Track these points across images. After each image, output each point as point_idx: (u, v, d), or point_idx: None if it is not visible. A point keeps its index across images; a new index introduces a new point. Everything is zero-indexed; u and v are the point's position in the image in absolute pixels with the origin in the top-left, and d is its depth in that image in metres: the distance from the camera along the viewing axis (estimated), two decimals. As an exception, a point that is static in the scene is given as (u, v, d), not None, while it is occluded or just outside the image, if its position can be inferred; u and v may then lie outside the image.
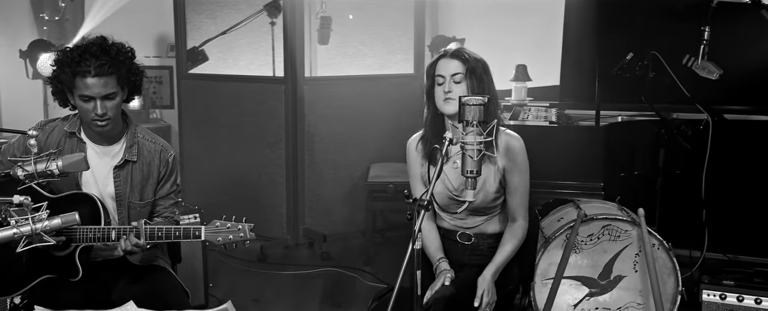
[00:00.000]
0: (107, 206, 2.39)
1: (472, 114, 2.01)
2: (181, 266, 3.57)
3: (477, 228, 2.55)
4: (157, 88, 6.04)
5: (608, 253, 3.13)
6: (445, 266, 2.44)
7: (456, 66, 2.46)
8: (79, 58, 2.23)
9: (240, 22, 5.06)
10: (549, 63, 4.73)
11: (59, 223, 2.02)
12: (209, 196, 4.99)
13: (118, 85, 2.31)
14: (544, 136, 3.61)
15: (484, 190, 2.47)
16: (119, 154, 2.44)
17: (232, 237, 2.28)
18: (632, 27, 4.19)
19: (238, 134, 4.85)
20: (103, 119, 2.30)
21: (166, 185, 2.53)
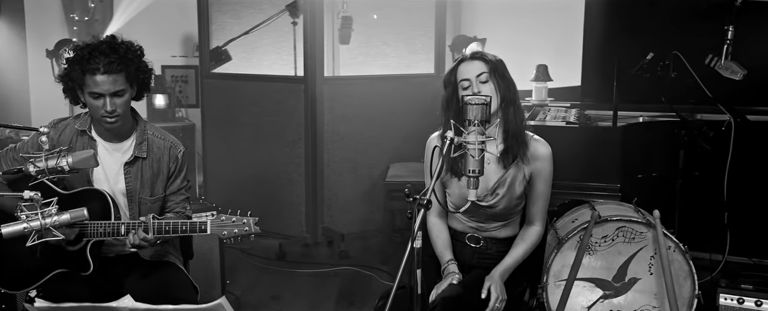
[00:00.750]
0: (118, 202, 2.44)
1: (474, 113, 2.00)
2: (198, 262, 3.62)
3: (490, 233, 2.53)
4: (182, 87, 6.13)
5: (623, 255, 3.09)
6: (453, 268, 2.42)
7: (479, 67, 2.42)
8: (89, 56, 2.29)
9: (262, 22, 5.12)
10: (572, 63, 4.70)
11: (68, 218, 2.08)
12: (230, 194, 5.06)
13: (126, 82, 2.36)
14: (560, 136, 3.57)
15: (509, 195, 2.44)
16: (129, 151, 2.48)
17: (238, 231, 2.30)
18: (653, 27, 4.13)
19: (259, 133, 4.89)
20: (112, 115, 2.35)
21: (176, 181, 2.57)
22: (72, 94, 2.40)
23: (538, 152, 2.45)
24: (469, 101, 2.00)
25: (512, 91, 2.45)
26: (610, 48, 4.03)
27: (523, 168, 2.43)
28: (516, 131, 2.41)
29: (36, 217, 2.03)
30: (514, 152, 2.41)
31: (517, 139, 2.41)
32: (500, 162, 2.43)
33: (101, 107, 2.33)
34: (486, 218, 2.50)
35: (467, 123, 2.00)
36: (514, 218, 2.54)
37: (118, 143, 2.48)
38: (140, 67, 2.42)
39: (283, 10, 5.01)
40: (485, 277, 2.37)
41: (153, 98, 5.71)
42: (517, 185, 2.44)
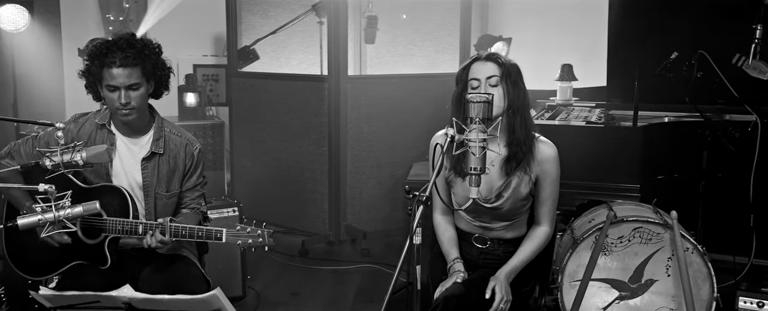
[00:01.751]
0: (136, 195, 2.52)
1: (476, 111, 2.01)
2: (219, 258, 3.71)
3: (496, 233, 2.53)
4: (213, 86, 6.23)
5: (639, 256, 3.05)
6: (459, 266, 2.43)
7: (491, 69, 2.41)
8: (106, 50, 2.37)
9: (289, 22, 5.19)
10: (599, 64, 4.64)
11: (81, 211, 2.14)
12: (255, 191, 5.13)
13: (142, 76, 2.43)
14: (579, 136, 3.56)
15: (514, 197, 2.44)
16: (146, 146, 2.56)
17: (252, 242, 2.36)
18: (679, 26, 4.06)
19: (284, 131, 4.96)
20: (127, 107, 2.42)
21: (192, 177, 2.64)
22: (93, 89, 2.49)
23: (543, 154, 2.43)
24: (471, 98, 2.00)
25: (522, 99, 2.43)
26: (635, 48, 3.98)
27: (529, 171, 2.42)
28: (521, 140, 2.39)
29: (50, 209, 2.10)
30: (517, 159, 2.40)
31: (522, 147, 2.39)
32: (503, 168, 2.42)
33: (117, 100, 2.41)
34: (491, 219, 2.49)
35: (469, 121, 2.00)
36: (521, 218, 2.53)
37: (136, 138, 2.56)
38: (157, 64, 2.49)
39: (309, 9, 5.07)
40: (490, 277, 2.37)
41: (184, 96, 5.81)
42: (522, 187, 2.43)
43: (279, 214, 5.03)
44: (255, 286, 4.00)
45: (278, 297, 3.93)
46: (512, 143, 2.40)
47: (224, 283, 3.69)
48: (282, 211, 5.03)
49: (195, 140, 2.66)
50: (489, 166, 2.42)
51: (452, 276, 2.37)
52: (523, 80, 2.47)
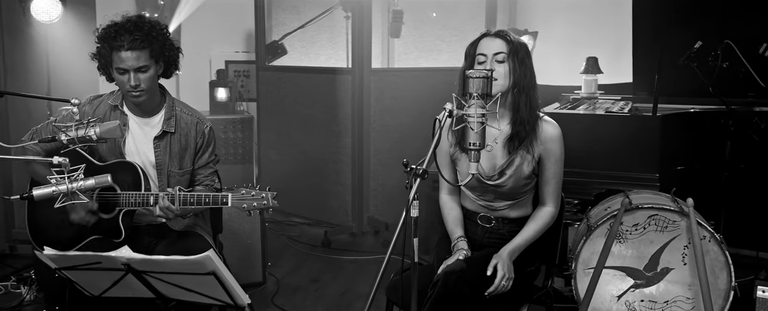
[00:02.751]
0: (149, 173, 2.60)
1: (476, 86, 2.02)
2: (239, 244, 3.78)
3: (500, 212, 2.53)
4: (244, 81, 6.34)
5: (655, 244, 3.01)
6: (462, 244, 2.44)
7: (499, 45, 2.42)
8: (115, 33, 2.45)
9: (316, 17, 5.26)
10: (629, 60, 4.58)
11: (93, 183, 2.22)
12: (281, 183, 5.20)
13: (151, 58, 2.50)
14: (597, 124, 3.53)
15: (516, 175, 2.45)
16: (158, 125, 2.64)
17: (256, 204, 2.40)
18: (705, 16, 3.99)
19: (309, 124, 5.02)
20: (137, 89, 2.50)
21: (204, 155, 2.71)
22: (105, 71, 2.58)
23: (547, 133, 2.43)
24: (470, 74, 2.02)
25: (528, 78, 2.43)
26: (660, 39, 3.92)
27: (532, 149, 2.42)
28: (525, 119, 2.39)
29: (64, 181, 2.19)
30: (520, 138, 2.40)
31: (525, 127, 2.40)
32: (506, 146, 2.42)
33: (127, 82, 2.49)
34: (495, 197, 2.50)
35: (468, 96, 2.02)
36: (525, 198, 2.53)
37: (148, 118, 2.64)
38: (165, 45, 2.57)
39: (336, 4, 5.13)
40: (493, 255, 2.37)
41: (215, 91, 5.94)
42: (524, 165, 2.43)
43: (303, 206, 5.10)
44: (276, 273, 4.06)
45: (298, 283, 3.98)
46: (516, 122, 2.40)
47: (244, 269, 3.78)
48: (306, 203, 5.09)
49: (205, 119, 2.73)
50: (492, 143, 2.43)
51: (455, 254, 2.39)
52: (531, 60, 2.47)
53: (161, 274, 1.82)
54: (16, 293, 3.72)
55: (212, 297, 1.91)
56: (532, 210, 2.55)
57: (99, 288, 1.93)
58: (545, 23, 5.42)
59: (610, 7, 5.12)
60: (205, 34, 6.27)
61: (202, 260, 1.74)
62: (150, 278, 1.85)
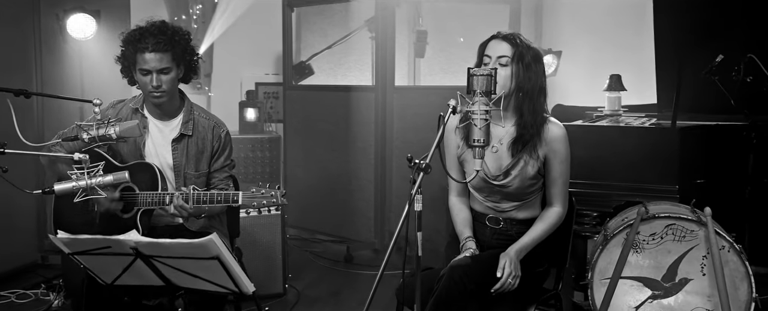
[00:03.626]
0: (166, 176, 2.68)
1: (479, 84, 2.07)
2: (261, 255, 3.83)
3: (508, 213, 2.55)
4: (273, 103, 6.48)
5: (673, 254, 2.97)
6: (470, 244, 2.46)
7: (505, 49, 2.46)
8: (140, 36, 2.57)
9: (342, 38, 5.38)
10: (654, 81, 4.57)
11: (111, 179, 2.31)
12: (305, 200, 5.27)
13: (173, 61, 2.61)
14: (616, 136, 3.52)
15: (522, 175, 2.47)
16: (176, 128, 2.73)
17: (266, 202, 2.46)
18: (728, 31, 3.97)
19: (333, 141, 5.09)
20: (158, 90, 2.60)
21: (219, 158, 2.79)
22: (127, 73, 2.69)
23: (551, 134, 2.45)
24: (474, 72, 2.07)
25: (532, 82, 2.45)
26: (681, 54, 3.91)
27: (537, 151, 2.44)
28: (529, 123, 2.42)
29: (83, 177, 2.28)
30: (523, 141, 2.42)
31: (529, 130, 2.42)
32: (511, 148, 2.45)
33: (149, 83, 2.59)
34: (501, 198, 2.52)
35: (472, 94, 2.06)
36: (532, 199, 2.54)
37: (167, 120, 2.74)
38: (186, 50, 2.67)
39: (362, 25, 5.24)
40: (501, 254, 2.38)
41: (244, 111, 6.08)
42: (529, 166, 2.45)
43: (327, 223, 5.14)
44: (296, 285, 4.10)
45: (318, 295, 4.01)
46: (520, 125, 2.43)
47: (265, 280, 3.83)
48: (330, 220, 5.14)
49: (222, 123, 2.82)
50: (497, 144, 2.46)
51: (464, 253, 2.41)
52: (541, 66, 2.49)
53: (168, 259, 1.88)
54: (45, 300, 3.83)
55: (219, 284, 1.95)
56: (540, 212, 2.55)
57: (111, 275, 2.00)
58: (571, 45, 5.44)
59: (633, 29, 5.12)
60: (236, 57, 6.44)
61: (205, 243, 1.80)
62: (158, 263, 1.91)
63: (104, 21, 4.06)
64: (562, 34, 5.58)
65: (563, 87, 5.50)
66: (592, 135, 3.55)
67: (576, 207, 2.75)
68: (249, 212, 3.76)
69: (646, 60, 4.84)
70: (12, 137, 2.34)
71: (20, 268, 4.29)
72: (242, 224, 3.74)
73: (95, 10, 4.04)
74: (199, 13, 6.19)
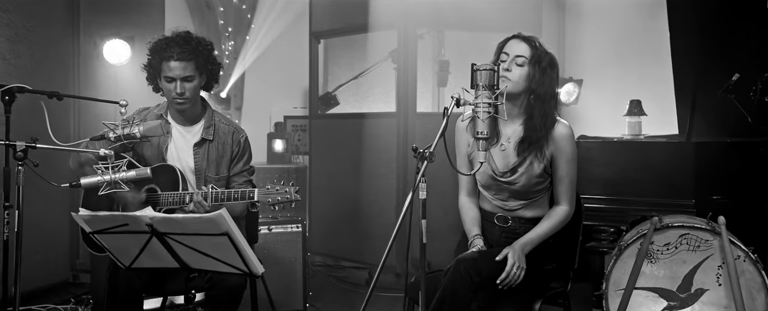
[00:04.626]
0: (188, 178, 2.80)
1: (483, 78, 2.15)
2: (282, 273, 3.91)
3: (516, 212, 2.59)
4: (301, 135, 6.63)
5: (687, 264, 2.96)
6: (479, 242, 2.51)
7: (523, 49, 2.52)
8: (166, 45, 2.72)
9: (366, 69, 5.53)
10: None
11: (134, 175, 2.44)
12: (329, 226, 5.35)
13: (196, 69, 2.76)
14: (631, 151, 3.55)
15: (528, 173, 2.52)
16: (198, 133, 2.86)
17: (281, 198, 2.56)
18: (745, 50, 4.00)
19: (356, 167, 5.19)
20: (182, 97, 2.74)
21: (238, 163, 2.90)
22: (152, 81, 2.84)
23: (558, 132, 2.51)
24: (478, 67, 2.16)
25: (546, 87, 2.52)
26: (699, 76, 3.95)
27: (544, 149, 2.50)
28: (537, 126, 2.48)
29: (108, 172, 2.41)
30: (530, 141, 2.49)
31: (537, 133, 2.48)
32: (517, 147, 2.51)
33: (173, 90, 2.73)
34: (509, 196, 2.57)
35: (477, 88, 2.14)
36: (539, 198, 2.59)
37: (189, 126, 2.87)
38: (209, 59, 2.82)
39: (386, 56, 5.40)
40: (506, 247, 2.42)
41: (272, 142, 6.23)
42: (535, 164, 2.50)
43: (349, 248, 5.20)
44: (316, 304, 4.14)
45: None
46: (528, 127, 2.50)
47: (285, 296, 3.89)
48: (352, 245, 5.19)
49: (242, 129, 2.94)
50: (505, 142, 2.52)
51: (471, 248, 2.45)
52: (556, 73, 2.55)
53: (181, 235, 1.97)
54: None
55: (230, 264, 2.03)
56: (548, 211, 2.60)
57: (130, 256, 2.09)
58: (593, 74, 5.50)
59: (654, 56, 5.16)
60: (266, 90, 6.65)
61: (215, 218, 1.89)
62: (171, 241, 1.99)
63: (138, 47, 4.27)
64: (585, 64, 5.65)
65: (586, 116, 5.54)
66: (608, 151, 3.60)
67: (584, 212, 2.78)
68: (271, 229, 3.89)
69: (668, 89, 4.88)
70: (45, 138, 2.49)
71: (52, 285, 4.43)
72: (264, 241, 3.85)
73: (130, 36, 4.26)
74: (231, 49, 6.45)
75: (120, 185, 2.40)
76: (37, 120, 2.56)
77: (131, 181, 2.42)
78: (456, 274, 2.28)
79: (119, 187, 2.40)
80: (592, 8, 5.71)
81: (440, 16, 4.96)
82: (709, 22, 4.01)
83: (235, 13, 6.43)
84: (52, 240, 4.41)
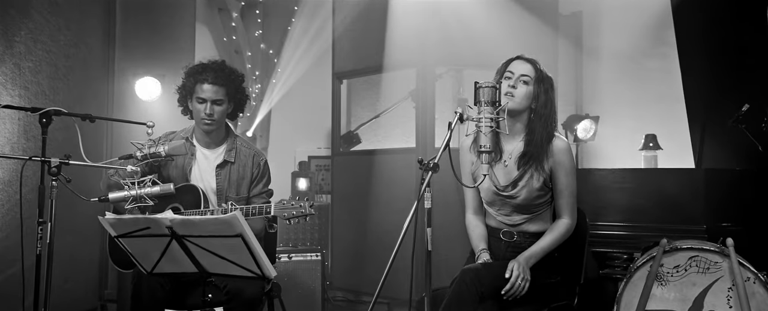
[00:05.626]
0: (210, 199, 2.95)
1: (485, 95, 2.28)
2: (301, 296, 4.00)
3: (520, 227, 2.68)
4: (324, 175, 6.79)
5: (697, 286, 2.99)
6: (485, 256, 2.60)
7: (528, 69, 2.68)
8: (201, 70, 2.94)
9: (387, 108, 5.71)
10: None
11: (158, 190, 2.60)
12: (351, 260, 5.43)
13: (226, 95, 2.95)
14: (643, 178, 3.62)
15: (528, 187, 2.63)
16: (221, 155, 3.03)
17: (296, 212, 2.69)
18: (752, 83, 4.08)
19: (376, 202, 5.29)
20: (210, 118, 2.93)
21: (258, 185, 3.05)
22: (183, 102, 3.03)
23: (556, 147, 2.62)
24: (481, 84, 2.29)
25: (548, 108, 2.67)
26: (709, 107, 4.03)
27: (543, 163, 2.61)
28: (538, 142, 2.61)
29: (134, 187, 2.57)
30: (529, 156, 2.60)
31: (537, 149, 2.61)
32: (518, 162, 2.62)
33: (203, 110, 2.92)
34: (512, 211, 2.67)
35: (479, 104, 2.28)
36: (541, 212, 2.68)
37: (213, 149, 3.04)
38: (239, 88, 3.02)
39: (405, 96, 5.57)
40: (510, 260, 2.51)
41: (296, 180, 6.40)
42: (535, 177, 2.61)
43: (370, 282, 5.26)
44: (335, 333, 4.21)
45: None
46: (529, 143, 2.62)
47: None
48: (372, 278, 5.25)
49: (262, 153, 3.10)
50: (507, 158, 2.64)
51: (477, 262, 2.53)
52: (555, 94, 2.70)
53: (198, 238, 2.09)
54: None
55: (244, 267, 2.14)
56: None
57: (151, 261, 2.22)
58: (610, 112, 5.60)
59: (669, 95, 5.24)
60: (291, 131, 6.86)
61: (229, 219, 2.01)
62: (190, 244, 2.12)
63: (168, 84, 4.49)
64: (602, 101, 5.75)
65: (604, 152, 5.62)
66: (620, 179, 3.67)
67: (588, 223, 2.85)
68: (291, 257, 4.01)
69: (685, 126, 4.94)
70: (79, 157, 2.67)
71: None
72: (284, 268, 3.97)
73: (161, 74, 4.49)
74: (257, 92, 6.70)
75: (145, 200, 2.55)
76: (71, 142, 2.75)
77: (155, 196, 2.58)
78: (461, 284, 2.37)
79: (144, 202, 2.55)
80: (610, 51, 5.85)
81: (458, 56, 5.13)
82: (717, 58, 4.11)
83: (262, 57, 6.71)
84: (82, 270, 4.56)
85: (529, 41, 4.92)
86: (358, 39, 5.52)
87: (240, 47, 6.60)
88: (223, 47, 6.57)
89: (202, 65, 2.98)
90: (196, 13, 5.57)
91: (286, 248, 4.03)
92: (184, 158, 2.95)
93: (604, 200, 3.74)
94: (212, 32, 6.58)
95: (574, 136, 5.25)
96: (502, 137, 2.63)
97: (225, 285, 2.68)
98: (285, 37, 6.67)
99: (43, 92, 4.00)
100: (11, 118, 3.71)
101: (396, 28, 5.13)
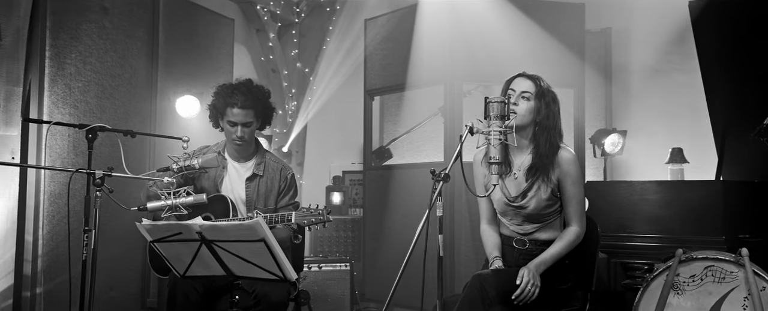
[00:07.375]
0: (239, 209, 3.14)
1: (495, 109, 2.42)
2: (330, 307, 4.15)
3: (532, 235, 2.80)
4: (358, 189, 6.96)
5: (714, 295, 3.05)
6: (498, 263, 2.71)
7: (528, 86, 2.82)
8: (231, 92, 3.12)
9: (417, 124, 5.86)
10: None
11: (192, 200, 2.79)
12: (383, 272, 5.56)
13: (255, 116, 3.14)
14: (663, 191, 3.67)
15: (537, 197, 2.75)
16: (250, 168, 3.22)
17: (314, 219, 2.85)
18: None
19: (405, 215, 5.43)
20: (241, 140, 3.12)
21: (285, 197, 3.23)
22: (214, 119, 3.23)
23: (562, 158, 2.74)
24: (490, 99, 2.43)
25: (551, 120, 2.79)
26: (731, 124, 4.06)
27: (550, 174, 2.72)
28: (544, 153, 2.73)
29: (170, 197, 2.77)
30: (537, 167, 2.72)
31: (544, 160, 2.73)
32: (526, 173, 2.75)
33: (234, 132, 3.11)
34: (523, 220, 2.78)
35: (489, 118, 2.41)
36: (552, 221, 2.78)
37: (243, 162, 3.24)
38: (266, 106, 3.20)
39: (436, 112, 5.71)
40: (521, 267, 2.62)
41: (331, 194, 6.58)
42: (543, 188, 2.72)
43: (400, 295, 5.36)
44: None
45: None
46: (536, 155, 2.74)
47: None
48: (402, 291, 5.36)
49: (289, 167, 3.28)
50: (517, 171, 2.76)
51: (490, 267, 2.65)
52: (558, 107, 2.82)
53: (225, 242, 2.27)
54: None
55: (267, 270, 2.31)
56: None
57: (184, 264, 2.40)
58: (638, 127, 5.65)
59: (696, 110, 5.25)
60: (326, 147, 7.06)
61: (253, 225, 2.18)
62: (218, 248, 2.30)
63: (206, 102, 4.71)
64: (631, 116, 5.80)
65: (632, 166, 5.66)
66: (640, 191, 3.74)
67: (600, 231, 2.94)
68: (321, 267, 4.17)
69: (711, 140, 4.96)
70: (121, 170, 2.89)
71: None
72: (314, 278, 4.13)
73: (200, 93, 4.72)
74: (293, 109, 6.92)
75: (180, 209, 2.75)
76: (115, 156, 2.97)
77: (189, 206, 2.77)
78: (473, 289, 2.49)
79: (179, 211, 2.75)
80: (639, 66, 5.91)
81: (484, 73, 5.25)
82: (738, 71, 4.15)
83: (298, 75, 6.94)
84: (126, 278, 4.79)
85: (553, 58, 5.03)
86: (388, 57, 5.70)
87: (277, 66, 6.85)
88: (260, 67, 6.83)
89: (232, 87, 3.16)
90: (234, 35, 5.82)
91: (317, 258, 4.20)
92: (216, 171, 3.14)
93: (628, 212, 3.81)
94: (251, 52, 6.85)
95: (602, 150, 5.31)
96: (512, 151, 2.76)
97: (253, 289, 2.86)
98: (320, 55, 6.90)
99: (91, 110, 4.26)
100: (62, 134, 3.97)
101: (423, 46, 5.29)
